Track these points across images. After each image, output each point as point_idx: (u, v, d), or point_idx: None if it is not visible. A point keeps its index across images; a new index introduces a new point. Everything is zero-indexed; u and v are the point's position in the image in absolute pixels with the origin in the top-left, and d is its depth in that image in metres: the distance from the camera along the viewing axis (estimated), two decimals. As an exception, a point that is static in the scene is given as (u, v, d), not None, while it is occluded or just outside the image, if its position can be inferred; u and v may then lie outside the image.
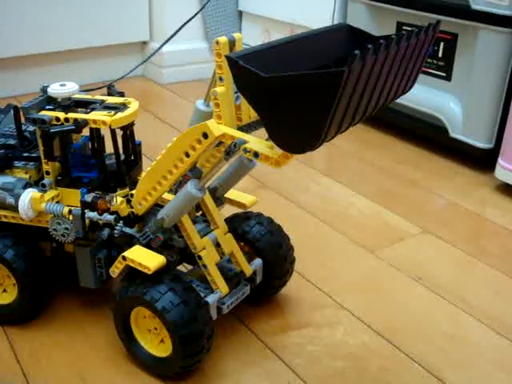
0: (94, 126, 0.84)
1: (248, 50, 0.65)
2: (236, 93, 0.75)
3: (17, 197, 0.88)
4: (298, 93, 0.57)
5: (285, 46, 0.69)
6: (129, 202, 0.87)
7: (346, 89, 0.55)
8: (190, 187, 0.78)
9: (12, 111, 0.93)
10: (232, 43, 0.75)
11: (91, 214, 0.85)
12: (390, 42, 0.59)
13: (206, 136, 0.72)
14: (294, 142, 0.61)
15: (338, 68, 0.53)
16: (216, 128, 0.72)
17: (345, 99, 0.57)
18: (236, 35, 0.75)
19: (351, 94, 0.58)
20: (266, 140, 0.70)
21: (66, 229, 0.87)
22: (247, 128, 0.79)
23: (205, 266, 0.87)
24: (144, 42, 2.24)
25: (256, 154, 0.68)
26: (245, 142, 0.70)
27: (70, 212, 0.86)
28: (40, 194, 0.87)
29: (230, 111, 0.75)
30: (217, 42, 0.72)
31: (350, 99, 0.58)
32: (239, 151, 0.70)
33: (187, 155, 0.76)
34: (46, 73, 2.04)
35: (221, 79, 0.73)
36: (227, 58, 0.61)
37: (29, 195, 0.86)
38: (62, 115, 0.84)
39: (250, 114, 0.79)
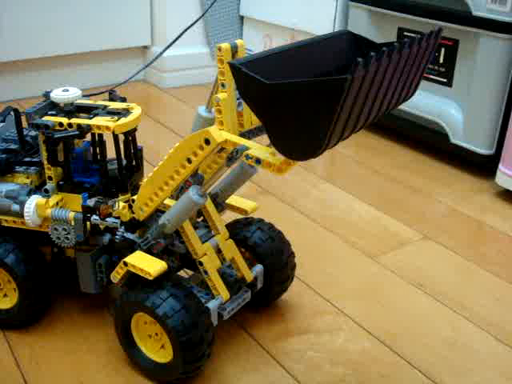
0: (97, 131, 0.84)
1: (250, 56, 0.65)
2: (238, 99, 0.75)
3: (22, 204, 0.88)
4: (300, 100, 0.57)
5: (287, 53, 0.69)
6: (130, 207, 0.87)
7: (348, 96, 0.55)
8: (192, 193, 0.78)
9: (12, 115, 0.93)
10: (234, 49, 0.75)
11: (96, 218, 0.85)
12: (393, 50, 0.60)
13: (207, 142, 0.72)
14: (296, 149, 0.61)
15: (341, 75, 0.54)
16: (218, 134, 0.72)
17: (347, 106, 0.57)
18: (238, 41, 0.76)
19: (354, 101, 0.58)
20: (268, 146, 0.70)
21: (64, 229, 0.87)
22: (249, 134, 0.79)
23: (206, 271, 0.87)
24: (145, 47, 2.25)
25: (258, 161, 0.68)
26: (247, 148, 0.70)
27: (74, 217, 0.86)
28: (45, 199, 0.87)
29: (232, 117, 0.75)
30: (219, 49, 0.72)
31: (352, 106, 0.58)
32: (241, 157, 0.70)
33: (189, 161, 0.76)
34: (47, 77, 2.04)
35: (223, 85, 0.73)
36: (230, 64, 0.61)
37: (34, 202, 0.86)
38: (65, 121, 0.84)
39: (251, 120, 0.79)
